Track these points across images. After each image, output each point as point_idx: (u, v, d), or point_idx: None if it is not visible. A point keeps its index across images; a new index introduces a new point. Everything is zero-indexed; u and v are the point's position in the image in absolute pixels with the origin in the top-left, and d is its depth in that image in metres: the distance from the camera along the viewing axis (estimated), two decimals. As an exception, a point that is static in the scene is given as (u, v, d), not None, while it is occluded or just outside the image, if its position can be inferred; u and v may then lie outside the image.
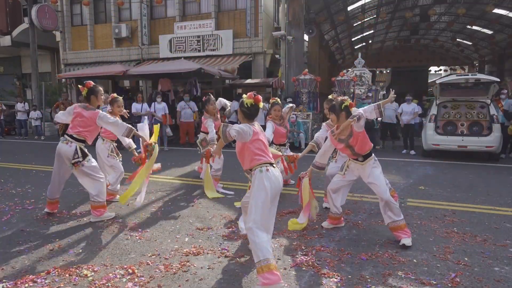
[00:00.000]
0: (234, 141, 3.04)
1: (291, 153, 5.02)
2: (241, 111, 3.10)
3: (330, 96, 5.01)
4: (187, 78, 12.85)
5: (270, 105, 5.66)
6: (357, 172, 3.97)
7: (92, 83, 4.50)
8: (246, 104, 3.04)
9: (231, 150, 11.11)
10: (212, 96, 6.04)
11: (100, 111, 4.40)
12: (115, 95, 5.45)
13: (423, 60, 31.46)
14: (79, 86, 4.65)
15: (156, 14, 16.65)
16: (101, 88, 4.56)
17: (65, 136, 4.37)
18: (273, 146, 5.57)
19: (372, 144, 3.90)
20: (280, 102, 5.64)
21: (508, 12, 19.88)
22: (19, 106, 14.96)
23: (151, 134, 4.64)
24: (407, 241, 3.60)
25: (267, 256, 2.70)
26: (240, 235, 3.86)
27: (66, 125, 5.07)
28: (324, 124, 5.00)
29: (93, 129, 4.40)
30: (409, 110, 10.37)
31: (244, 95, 3.11)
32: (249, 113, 3.07)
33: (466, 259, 3.35)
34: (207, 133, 5.81)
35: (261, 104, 3.12)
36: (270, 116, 5.61)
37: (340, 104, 3.80)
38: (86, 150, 4.40)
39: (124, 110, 5.36)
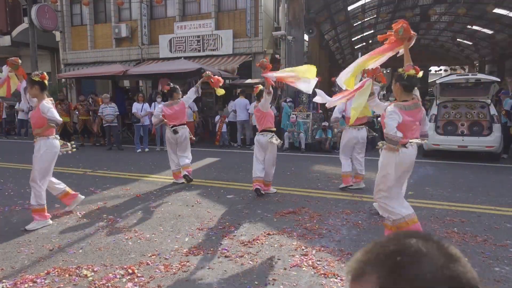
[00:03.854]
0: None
1: None
2: (400, 85, 3.24)
3: None
4: (187, 78, 12.85)
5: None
6: None
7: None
8: (407, 75, 3.18)
9: (231, 150, 11.12)
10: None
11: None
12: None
13: (423, 60, 31.40)
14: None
15: (156, 14, 16.63)
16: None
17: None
18: None
19: None
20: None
21: (508, 12, 19.86)
22: (24, 106, 14.84)
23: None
24: None
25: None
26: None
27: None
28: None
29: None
30: None
31: (400, 69, 3.26)
32: (409, 85, 3.23)
33: (466, 259, 3.34)
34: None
35: (421, 74, 3.29)
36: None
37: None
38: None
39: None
